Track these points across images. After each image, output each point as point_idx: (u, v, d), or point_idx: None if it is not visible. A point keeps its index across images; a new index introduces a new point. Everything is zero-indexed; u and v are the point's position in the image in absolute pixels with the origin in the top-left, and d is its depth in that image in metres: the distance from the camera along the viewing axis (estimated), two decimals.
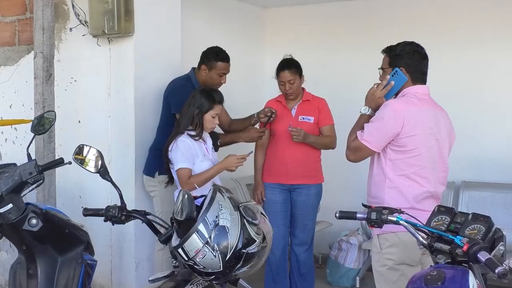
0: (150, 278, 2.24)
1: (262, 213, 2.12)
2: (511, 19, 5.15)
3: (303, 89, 4.32)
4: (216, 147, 3.92)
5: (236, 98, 5.88)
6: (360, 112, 3.03)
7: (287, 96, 4.26)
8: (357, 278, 5.08)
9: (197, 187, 2.99)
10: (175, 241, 2.08)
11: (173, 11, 4.41)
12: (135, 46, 4.07)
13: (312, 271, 4.48)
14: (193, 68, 4.19)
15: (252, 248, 2.00)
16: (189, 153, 3.48)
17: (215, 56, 4.07)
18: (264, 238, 2.06)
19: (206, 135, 3.69)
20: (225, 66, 4.10)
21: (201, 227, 1.96)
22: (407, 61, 2.93)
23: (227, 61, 4.11)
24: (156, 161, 3.95)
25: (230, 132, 4.26)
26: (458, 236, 2.09)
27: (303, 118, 4.22)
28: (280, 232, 4.31)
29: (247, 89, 6.06)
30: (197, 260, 1.96)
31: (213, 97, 3.58)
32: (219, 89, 3.91)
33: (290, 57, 4.30)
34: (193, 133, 3.55)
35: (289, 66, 4.20)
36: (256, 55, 6.24)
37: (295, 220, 4.37)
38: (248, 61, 6.09)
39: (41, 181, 2.76)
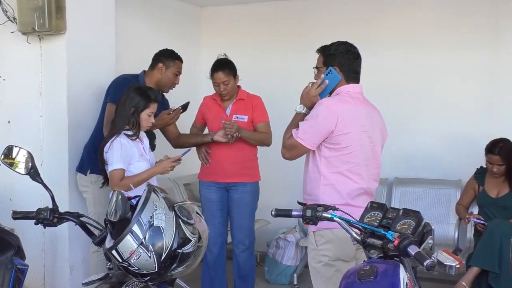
0: (83, 281, 2.18)
1: (197, 213, 2.11)
2: (447, 19, 5.33)
3: (239, 87, 4.31)
4: (152, 147, 3.87)
5: (171, 99, 5.85)
6: (295, 110, 3.06)
7: (222, 96, 4.25)
8: (295, 275, 5.15)
9: (132, 187, 2.94)
10: (109, 242, 2.04)
11: (107, 9, 4.33)
12: (67, 45, 3.98)
13: (252, 273, 4.48)
14: (144, 71, 4.12)
15: (187, 248, 1.98)
16: (125, 153, 3.43)
17: (172, 55, 4.06)
18: (200, 238, 2.05)
19: (142, 135, 3.64)
20: (181, 65, 4.12)
21: (135, 228, 1.93)
22: (341, 61, 2.98)
23: (182, 60, 4.14)
24: (90, 159, 3.88)
25: (176, 145, 4.26)
26: (389, 231, 2.15)
27: (237, 117, 4.22)
28: (217, 230, 4.31)
29: (183, 89, 5.99)
30: (132, 261, 1.93)
31: (149, 95, 3.53)
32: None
33: (225, 57, 4.28)
34: (130, 132, 3.50)
35: (222, 67, 4.17)
36: (192, 55, 6.20)
37: (232, 219, 4.37)
38: (184, 60, 6.04)
39: None
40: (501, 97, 5.17)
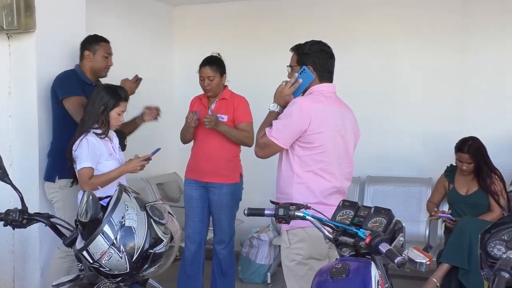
0: (54, 283, 2.17)
1: (169, 213, 2.10)
2: (417, 18, 5.38)
3: (225, 87, 4.34)
4: (123, 146, 3.84)
5: (145, 97, 5.81)
6: (269, 109, 3.06)
7: (205, 92, 4.29)
8: (268, 274, 5.16)
9: (99, 188, 2.92)
10: (79, 243, 2.02)
11: (78, 7, 4.28)
12: (36, 43, 3.92)
13: (232, 269, 4.50)
14: (77, 64, 4.07)
15: (159, 248, 1.98)
16: (93, 152, 3.40)
17: (95, 39, 4.02)
18: (172, 238, 2.05)
19: (112, 134, 3.61)
20: (108, 46, 4.05)
21: (106, 228, 1.92)
22: (314, 60, 2.99)
23: (108, 41, 4.07)
24: (56, 164, 3.84)
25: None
26: (361, 229, 2.17)
27: (218, 117, 4.22)
28: (196, 228, 4.34)
29: (156, 88, 5.98)
30: (103, 262, 1.92)
31: (119, 94, 3.50)
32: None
33: (217, 55, 4.32)
34: (99, 131, 3.46)
35: (210, 62, 4.22)
36: (165, 53, 6.19)
37: (213, 217, 4.40)
38: (157, 59, 6.03)
39: None
40: (470, 96, 5.25)
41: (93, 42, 4.00)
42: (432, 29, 5.32)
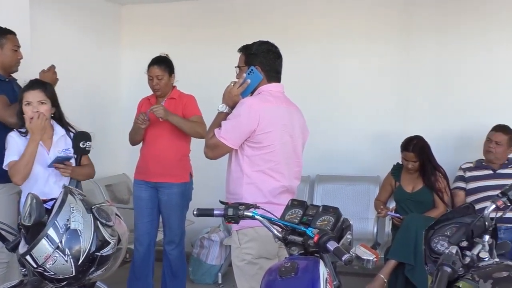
0: None
1: (117, 214, 2.07)
2: (360, 19, 5.46)
3: (174, 87, 4.33)
4: (79, 149, 3.45)
5: (92, 97, 5.71)
6: (218, 110, 3.06)
7: (154, 91, 4.28)
8: (219, 274, 5.16)
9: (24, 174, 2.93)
10: (22, 248, 1.97)
11: (20, 5, 4.18)
12: None
13: (183, 270, 4.48)
14: None
15: (106, 251, 1.95)
16: (15, 147, 3.29)
17: (2, 31, 3.81)
18: (119, 240, 2.02)
19: (60, 136, 3.44)
20: (15, 38, 3.85)
21: (51, 231, 1.88)
22: (262, 60, 3.01)
23: (14, 33, 3.85)
24: None
25: None
26: (309, 228, 2.19)
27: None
28: (145, 229, 4.32)
29: (104, 88, 5.89)
30: (47, 266, 1.87)
31: (26, 86, 3.38)
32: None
33: (166, 55, 4.31)
34: (23, 130, 3.35)
35: (159, 62, 4.22)
36: (113, 53, 6.08)
37: (163, 218, 4.37)
38: (105, 59, 5.92)
39: None
40: (414, 96, 5.36)
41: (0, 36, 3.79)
42: (375, 30, 5.41)
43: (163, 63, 4.23)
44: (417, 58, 5.29)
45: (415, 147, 4.50)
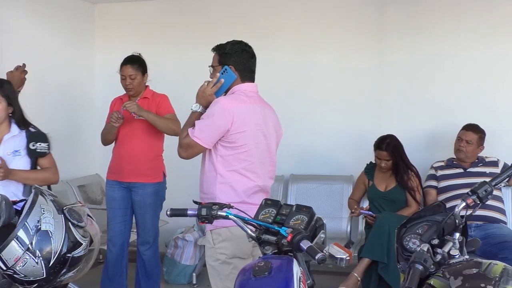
0: None
1: (89, 215, 2.05)
2: (335, 19, 5.49)
3: (147, 87, 4.32)
4: (32, 152, 3.26)
5: (64, 97, 5.64)
6: (191, 109, 3.05)
7: (127, 91, 4.25)
8: (194, 274, 5.14)
9: None
10: None
11: None
12: None
13: (157, 270, 4.46)
14: None
15: (78, 252, 1.93)
16: None
17: None
18: (91, 241, 2.00)
19: (14, 136, 3.24)
20: None
21: (21, 233, 1.85)
22: (236, 60, 3.00)
23: None
24: None
25: None
26: (283, 227, 2.20)
27: (140, 116, 4.14)
28: (118, 229, 4.30)
29: (76, 88, 5.82)
30: (17, 268, 1.85)
31: None
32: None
33: (138, 55, 4.29)
34: None
35: (131, 61, 4.21)
36: (85, 52, 6.01)
37: (136, 218, 4.35)
38: (77, 59, 5.85)
39: None
40: (386, 96, 5.40)
41: None
42: (349, 30, 5.45)
43: (136, 62, 4.21)
44: (391, 59, 5.34)
45: (388, 146, 4.55)
